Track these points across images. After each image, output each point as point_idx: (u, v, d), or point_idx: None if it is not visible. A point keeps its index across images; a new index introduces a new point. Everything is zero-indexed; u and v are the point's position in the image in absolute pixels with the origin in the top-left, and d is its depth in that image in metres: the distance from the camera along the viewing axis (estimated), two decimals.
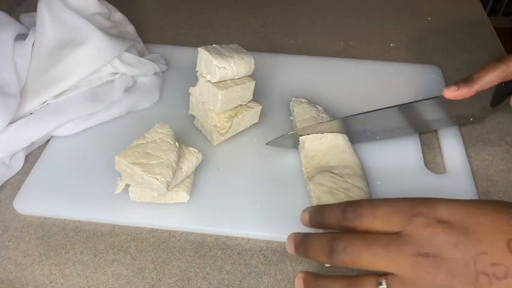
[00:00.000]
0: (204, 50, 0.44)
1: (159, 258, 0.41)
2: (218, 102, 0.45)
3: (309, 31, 0.69)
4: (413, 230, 0.29)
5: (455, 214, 0.29)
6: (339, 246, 0.31)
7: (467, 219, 0.28)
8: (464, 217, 0.28)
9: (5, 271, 0.40)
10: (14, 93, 0.47)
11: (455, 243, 0.27)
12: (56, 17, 0.50)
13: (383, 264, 0.29)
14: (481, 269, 0.27)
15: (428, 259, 0.28)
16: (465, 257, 0.27)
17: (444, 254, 0.27)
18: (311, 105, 0.51)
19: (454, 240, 0.28)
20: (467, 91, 0.44)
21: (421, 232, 0.28)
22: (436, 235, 0.28)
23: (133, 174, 0.40)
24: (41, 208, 0.44)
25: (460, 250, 0.27)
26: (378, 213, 0.31)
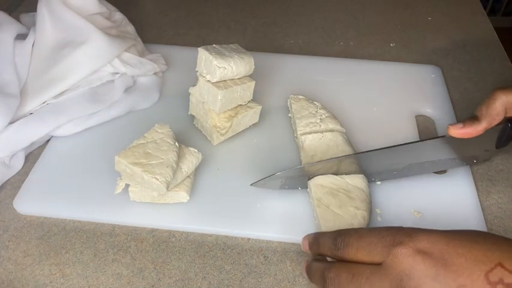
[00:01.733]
0: (204, 50, 0.44)
1: (159, 258, 0.41)
2: (218, 102, 0.45)
3: (309, 31, 0.69)
4: (394, 261, 0.29)
5: (435, 244, 0.29)
6: (328, 277, 0.32)
7: (446, 249, 0.29)
8: (443, 247, 0.29)
9: (5, 271, 0.40)
10: (14, 93, 0.47)
11: (435, 276, 0.28)
12: (56, 17, 0.50)
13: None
14: None
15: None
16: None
17: (424, 286, 0.28)
18: (309, 102, 0.51)
19: (434, 272, 0.28)
20: (474, 129, 0.41)
21: (400, 263, 0.29)
22: (415, 267, 0.28)
23: (133, 174, 0.40)
24: (41, 208, 0.44)
25: (439, 283, 0.28)
26: (362, 244, 0.32)
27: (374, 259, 0.31)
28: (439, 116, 0.54)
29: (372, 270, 0.30)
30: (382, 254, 0.30)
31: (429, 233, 0.30)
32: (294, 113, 0.50)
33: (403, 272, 0.29)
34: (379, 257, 0.30)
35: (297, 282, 0.39)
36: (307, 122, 0.48)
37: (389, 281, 0.29)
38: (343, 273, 0.32)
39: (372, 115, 0.54)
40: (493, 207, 0.45)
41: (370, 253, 0.31)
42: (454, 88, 0.59)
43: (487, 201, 0.46)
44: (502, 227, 0.43)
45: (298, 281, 0.39)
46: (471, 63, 0.63)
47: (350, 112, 0.54)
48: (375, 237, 0.31)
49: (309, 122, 0.48)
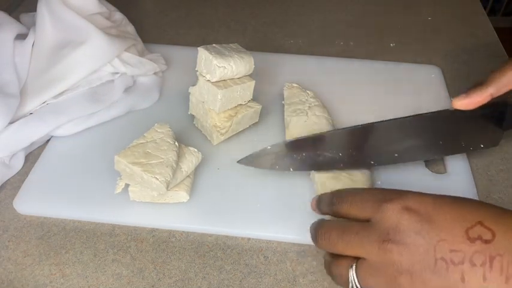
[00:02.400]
0: (204, 49, 0.44)
1: (159, 258, 0.41)
2: (218, 101, 0.45)
3: (309, 31, 0.69)
4: (382, 217, 0.31)
5: (422, 203, 0.31)
6: (319, 233, 0.34)
7: (432, 207, 0.30)
8: (429, 205, 0.30)
9: (5, 271, 0.40)
10: (14, 93, 0.47)
11: (419, 230, 0.29)
12: (55, 16, 0.50)
13: (354, 250, 0.32)
14: (439, 255, 0.28)
15: (392, 245, 0.30)
16: (426, 244, 0.29)
17: (407, 240, 0.29)
18: (301, 90, 0.52)
19: (418, 227, 0.30)
20: (479, 96, 0.40)
21: (388, 219, 0.31)
22: (401, 222, 0.30)
23: (133, 173, 0.40)
24: (41, 208, 0.44)
25: (422, 237, 0.29)
26: (355, 199, 0.34)
27: (365, 214, 0.32)
28: None
29: (361, 225, 0.32)
30: (372, 210, 0.32)
31: (418, 194, 0.32)
32: (285, 100, 0.51)
33: (390, 226, 0.30)
34: (369, 213, 0.32)
35: (297, 282, 0.39)
36: (294, 109, 0.49)
37: (377, 235, 0.31)
38: (334, 229, 0.33)
39: (372, 115, 0.54)
40: None
41: (362, 209, 0.33)
42: (454, 88, 0.59)
43: (487, 201, 0.46)
44: None
45: (298, 281, 0.39)
46: (471, 63, 0.63)
47: (350, 112, 0.54)
48: (368, 194, 0.33)
49: (297, 109, 0.49)
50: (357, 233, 0.32)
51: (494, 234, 0.28)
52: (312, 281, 0.39)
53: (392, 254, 0.30)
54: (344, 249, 0.32)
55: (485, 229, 0.28)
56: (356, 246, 0.32)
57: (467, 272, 0.28)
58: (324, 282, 0.39)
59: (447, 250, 0.29)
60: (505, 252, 0.27)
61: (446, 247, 0.29)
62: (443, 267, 0.28)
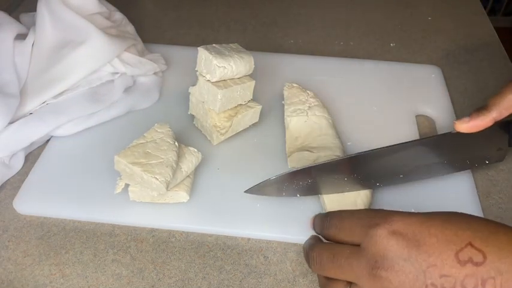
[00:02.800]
0: (204, 49, 0.44)
1: (159, 258, 0.41)
2: (218, 101, 0.45)
3: (309, 31, 0.69)
4: (370, 242, 0.30)
5: (409, 225, 0.30)
6: (311, 256, 0.34)
7: (419, 230, 0.30)
8: (416, 228, 0.30)
9: (5, 271, 0.40)
10: (14, 93, 0.47)
11: (407, 257, 0.29)
12: (55, 16, 0.50)
13: (345, 275, 0.32)
14: (429, 281, 0.28)
15: (381, 271, 0.29)
16: (415, 270, 0.28)
17: (396, 267, 0.29)
18: (301, 90, 0.52)
19: (406, 254, 0.29)
20: (482, 120, 0.40)
21: (375, 245, 0.30)
22: (389, 248, 0.29)
23: (133, 173, 0.40)
24: (41, 208, 0.44)
25: (411, 264, 0.29)
26: (343, 225, 0.33)
27: (354, 240, 0.32)
28: (439, 116, 0.54)
29: (351, 250, 0.32)
30: (360, 235, 0.32)
31: (404, 215, 0.31)
32: (284, 100, 0.51)
33: (378, 253, 0.30)
34: (357, 238, 0.32)
35: (297, 282, 0.39)
36: (294, 109, 0.49)
37: (366, 261, 0.30)
38: (325, 252, 0.33)
39: (372, 115, 0.54)
40: (493, 207, 0.45)
41: (350, 234, 0.33)
42: (454, 88, 0.59)
43: (487, 201, 0.46)
44: None
45: (298, 281, 0.39)
46: (471, 63, 0.63)
47: (349, 112, 0.54)
48: (355, 218, 0.33)
49: (297, 109, 0.49)
50: (347, 258, 0.32)
51: (485, 255, 0.27)
52: (312, 281, 0.39)
53: (382, 281, 0.29)
54: (336, 274, 0.32)
55: (475, 251, 0.28)
56: (347, 272, 0.31)
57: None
58: None
59: (437, 275, 0.28)
60: (496, 274, 0.27)
61: (437, 272, 0.28)
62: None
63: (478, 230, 0.29)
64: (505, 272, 0.27)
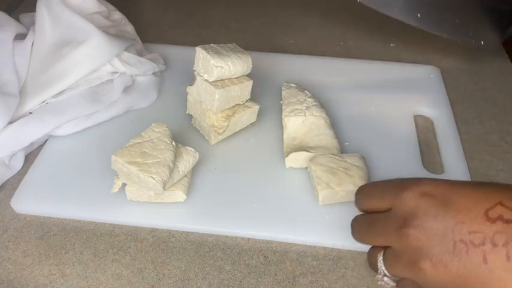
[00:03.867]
0: (202, 49, 0.44)
1: (159, 258, 0.41)
2: (215, 101, 0.45)
3: (309, 31, 0.69)
4: (401, 204, 0.31)
5: (438, 187, 0.31)
6: (352, 228, 0.36)
7: (449, 191, 0.30)
8: (446, 190, 0.30)
9: (5, 271, 0.40)
10: (14, 93, 0.47)
11: (435, 214, 0.29)
12: (55, 16, 0.50)
13: (379, 240, 0.33)
14: (458, 237, 0.28)
15: (409, 230, 0.30)
16: (444, 227, 0.29)
17: (424, 224, 0.29)
18: (299, 90, 0.52)
19: (435, 211, 0.29)
20: None
21: (405, 205, 0.31)
22: (418, 207, 0.30)
23: (130, 173, 0.40)
24: (38, 207, 0.44)
25: (439, 221, 0.29)
26: (374, 193, 0.35)
27: (385, 205, 0.33)
28: (437, 117, 0.54)
29: (384, 215, 0.33)
30: (390, 199, 0.32)
31: (434, 179, 0.32)
32: (282, 100, 0.51)
33: (407, 213, 0.30)
34: (389, 202, 0.32)
35: (297, 282, 0.39)
36: (292, 109, 0.49)
37: (396, 222, 0.31)
38: (363, 221, 0.35)
39: (370, 115, 0.54)
40: None
41: (381, 200, 0.33)
42: (454, 88, 0.59)
43: None
44: None
45: (298, 281, 0.39)
46: (471, 63, 0.63)
47: (347, 112, 0.54)
48: (386, 184, 0.34)
49: (295, 109, 0.49)
50: (380, 222, 0.33)
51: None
52: (312, 281, 0.39)
53: (410, 239, 0.30)
54: (372, 240, 0.34)
55: (506, 209, 0.28)
56: (381, 235, 0.33)
57: (489, 253, 0.27)
58: (324, 282, 0.39)
59: (466, 232, 0.28)
60: None
61: (465, 229, 0.28)
62: (463, 250, 0.28)
63: (509, 192, 0.29)
64: None
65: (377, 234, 0.33)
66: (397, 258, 0.31)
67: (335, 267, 0.40)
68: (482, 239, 0.27)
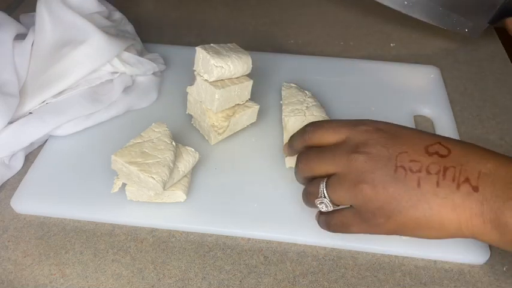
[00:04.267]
0: (202, 49, 0.44)
1: (159, 258, 0.41)
2: (215, 101, 0.45)
3: (309, 31, 0.69)
4: (355, 135, 0.35)
5: (392, 128, 0.35)
6: (300, 160, 0.38)
7: (399, 130, 0.35)
8: (398, 130, 0.35)
9: (5, 271, 0.40)
10: (14, 93, 0.47)
11: (384, 143, 0.34)
12: (55, 16, 0.50)
13: (326, 165, 0.36)
14: (400, 163, 0.32)
15: (360, 156, 0.34)
16: (389, 154, 0.33)
17: (374, 151, 0.33)
18: (299, 90, 0.52)
19: (384, 141, 0.34)
20: None
21: (360, 135, 0.35)
22: (371, 137, 0.34)
23: (130, 173, 0.40)
24: (37, 207, 0.44)
25: (386, 149, 0.33)
26: (330, 125, 0.37)
27: (340, 136, 0.36)
28: (437, 117, 0.54)
29: (335, 145, 0.36)
30: (347, 131, 0.36)
31: (387, 122, 0.36)
32: (282, 100, 0.51)
33: (360, 141, 0.34)
34: (344, 134, 0.36)
35: (297, 282, 0.39)
36: (292, 109, 0.49)
37: (348, 148, 0.35)
38: (312, 152, 0.38)
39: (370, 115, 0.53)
40: None
41: (337, 132, 0.36)
42: (454, 88, 0.59)
43: None
44: None
45: (298, 281, 0.39)
46: (471, 63, 0.63)
47: (347, 112, 0.54)
48: (342, 121, 0.38)
49: (295, 109, 0.49)
50: (331, 151, 0.36)
51: (450, 151, 0.32)
52: (312, 281, 0.39)
53: (358, 162, 0.33)
54: (319, 169, 0.36)
55: (443, 147, 0.33)
56: (328, 161, 0.35)
57: (423, 178, 0.32)
58: (324, 282, 0.39)
59: (407, 160, 0.32)
60: (457, 164, 0.31)
61: (407, 158, 0.32)
62: (402, 174, 0.32)
63: (449, 138, 0.34)
64: (464, 164, 0.31)
65: (326, 161, 0.36)
66: (341, 182, 0.34)
67: (335, 267, 0.40)
68: (419, 167, 0.32)
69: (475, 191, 0.30)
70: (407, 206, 0.32)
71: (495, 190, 0.30)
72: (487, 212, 0.30)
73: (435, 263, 0.41)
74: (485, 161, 0.31)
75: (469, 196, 0.30)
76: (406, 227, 0.33)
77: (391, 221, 0.33)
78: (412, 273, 0.40)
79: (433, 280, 0.39)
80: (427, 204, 0.31)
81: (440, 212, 0.31)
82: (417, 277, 0.40)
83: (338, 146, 0.36)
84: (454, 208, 0.31)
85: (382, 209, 0.32)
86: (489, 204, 0.30)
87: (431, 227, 0.32)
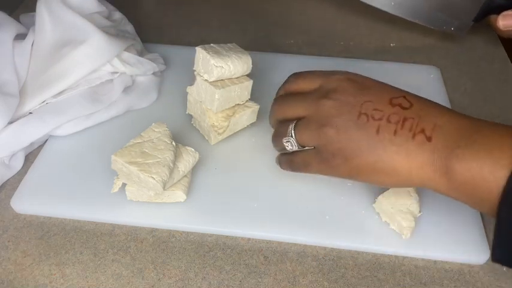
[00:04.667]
0: (202, 49, 0.44)
1: (159, 258, 0.41)
2: (215, 101, 0.45)
3: (309, 31, 0.69)
4: (328, 82, 0.38)
5: (364, 80, 0.38)
6: (275, 103, 0.42)
7: (369, 82, 0.37)
8: (368, 82, 0.37)
9: (5, 271, 0.40)
10: (14, 93, 0.47)
11: (352, 92, 0.36)
12: (55, 16, 0.50)
13: (297, 108, 0.39)
14: (363, 111, 0.35)
15: (327, 100, 0.36)
16: (355, 101, 0.36)
17: (340, 97, 0.36)
18: None
19: (352, 90, 0.36)
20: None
21: (331, 84, 0.38)
22: (341, 85, 0.37)
23: (130, 173, 0.40)
24: (38, 207, 0.44)
25: (353, 97, 0.36)
26: (308, 75, 0.40)
27: (314, 85, 0.39)
28: None
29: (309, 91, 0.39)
30: (321, 80, 0.39)
31: (362, 75, 0.38)
32: None
33: (331, 89, 0.37)
34: (317, 83, 0.39)
35: (297, 282, 0.39)
36: None
37: (319, 93, 0.37)
38: (288, 97, 0.41)
39: None
40: None
41: (313, 80, 0.39)
42: (454, 88, 0.59)
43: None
44: None
45: (298, 281, 0.39)
46: (471, 63, 0.63)
47: None
48: (319, 71, 0.40)
49: None
50: (304, 97, 0.39)
51: (412, 104, 0.35)
52: (312, 281, 0.39)
53: (325, 106, 0.36)
54: (291, 109, 0.39)
55: (406, 100, 0.35)
56: (300, 105, 0.38)
57: (382, 126, 0.34)
58: (324, 282, 0.39)
59: (371, 108, 0.35)
60: (416, 117, 0.34)
61: (371, 106, 0.35)
62: (364, 120, 0.34)
63: (415, 95, 0.36)
64: (422, 116, 0.34)
65: (298, 105, 0.38)
66: (308, 124, 0.37)
67: (335, 267, 0.40)
68: (381, 116, 0.34)
69: (429, 141, 0.32)
70: (364, 150, 0.34)
71: (446, 140, 0.32)
72: (437, 160, 0.32)
73: (435, 263, 0.41)
74: (441, 115, 0.34)
75: (423, 145, 0.33)
76: (361, 170, 0.35)
77: (348, 163, 0.35)
78: (412, 273, 0.40)
79: (433, 280, 0.39)
80: (382, 150, 0.34)
81: (394, 158, 0.33)
82: (417, 277, 0.40)
83: (311, 93, 0.38)
84: (407, 155, 0.33)
85: (341, 151, 0.35)
86: (439, 153, 0.32)
87: (384, 172, 0.34)
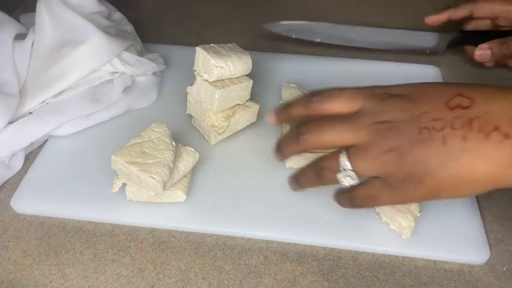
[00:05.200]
0: (202, 49, 0.44)
1: (159, 258, 0.41)
2: (215, 101, 0.45)
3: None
4: (370, 103, 0.34)
5: (407, 89, 0.34)
6: (306, 126, 0.36)
7: (416, 91, 0.34)
8: (413, 90, 0.34)
9: (5, 271, 0.40)
10: (14, 93, 0.47)
11: (404, 108, 0.32)
12: (55, 16, 0.50)
13: (344, 136, 0.34)
14: (423, 125, 0.31)
15: (381, 125, 0.32)
16: (410, 117, 0.32)
17: (394, 118, 0.32)
18: (299, 90, 0.53)
19: (403, 106, 0.33)
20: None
21: (377, 103, 0.34)
22: (388, 105, 0.33)
23: (130, 173, 0.40)
24: (38, 207, 0.44)
25: (406, 113, 0.32)
26: (344, 94, 0.36)
27: (353, 107, 0.35)
28: None
29: (351, 114, 0.34)
30: (361, 100, 0.35)
31: (402, 84, 0.35)
32: (283, 100, 0.52)
33: (378, 110, 0.33)
34: (357, 104, 0.35)
35: (297, 282, 0.39)
36: None
37: (367, 117, 0.33)
38: (322, 120, 0.35)
39: None
40: (493, 207, 0.45)
41: (351, 102, 0.35)
42: None
43: (486, 201, 0.46)
44: (502, 227, 0.43)
45: (298, 281, 0.39)
46: (471, 63, 0.63)
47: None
48: (354, 89, 0.36)
49: None
50: (347, 120, 0.34)
51: (473, 100, 0.30)
52: (312, 281, 0.39)
53: (382, 132, 0.32)
54: (333, 137, 0.34)
55: (464, 98, 0.31)
56: (347, 132, 0.34)
57: (448, 135, 0.30)
58: (324, 282, 0.39)
59: (429, 120, 0.31)
60: (482, 114, 0.30)
61: (429, 117, 0.31)
62: (426, 135, 0.31)
63: (467, 85, 0.32)
64: (492, 111, 0.29)
65: (340, 130, 0.34)
66: (364, 153, 0.33)
67: (335, 267, 0.40)
68: (443, 125, 0.30)
69: (507, 138, 0.28)
70: (436, 167, 0.30)
71: None
72: None
73: (435, 263, 0.41)
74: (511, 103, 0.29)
75: (501, 144, 0.29)
76: (439, 189, 0.31)
77: (421, 186, 0.31)
78: (412, 273, 0.40)
79: (433, 280, 0.39)
80: (455, 162, 0.30)
81: (472, 166, 0.29)
82: (417, 277, 0.40)
83: (354, 116, 0.34)
84: (485, 160, 0.29)
85: (411, 174, 0.31)
86: None
87: (464, 184, 0.30)
